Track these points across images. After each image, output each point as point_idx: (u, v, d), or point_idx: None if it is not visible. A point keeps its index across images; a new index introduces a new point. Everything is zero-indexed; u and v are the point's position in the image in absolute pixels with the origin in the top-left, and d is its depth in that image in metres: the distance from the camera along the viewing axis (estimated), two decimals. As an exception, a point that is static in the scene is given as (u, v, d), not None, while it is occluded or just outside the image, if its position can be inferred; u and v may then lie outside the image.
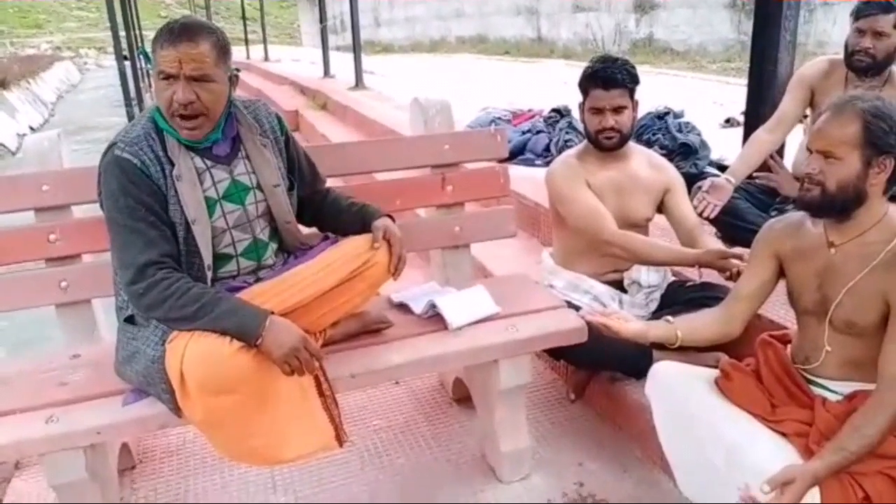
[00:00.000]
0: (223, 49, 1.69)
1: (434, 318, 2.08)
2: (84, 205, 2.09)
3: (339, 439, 1.79)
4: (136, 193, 1.65)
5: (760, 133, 2.76)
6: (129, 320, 1.78)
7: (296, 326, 1.68)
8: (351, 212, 2.00)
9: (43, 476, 1.77)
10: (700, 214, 2.51)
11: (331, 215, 2.04)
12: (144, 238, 1.65)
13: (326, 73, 10.66)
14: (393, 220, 1.98)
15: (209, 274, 1.75)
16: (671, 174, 2.50)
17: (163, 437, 2.48)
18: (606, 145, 2.37)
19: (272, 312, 1.67)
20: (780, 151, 2.89)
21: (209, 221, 1.75)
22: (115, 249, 1.69)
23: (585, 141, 2.46)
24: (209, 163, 1.77)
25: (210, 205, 1.76)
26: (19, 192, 2.03)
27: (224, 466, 2.31)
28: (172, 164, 1.70)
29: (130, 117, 9.29)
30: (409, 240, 1.95)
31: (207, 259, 1.74)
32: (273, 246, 1.91)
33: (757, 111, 3.02)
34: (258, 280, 1.85)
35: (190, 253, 1.73)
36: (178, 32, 1.62)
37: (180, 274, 1.67)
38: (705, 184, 2.58)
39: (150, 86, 13.84)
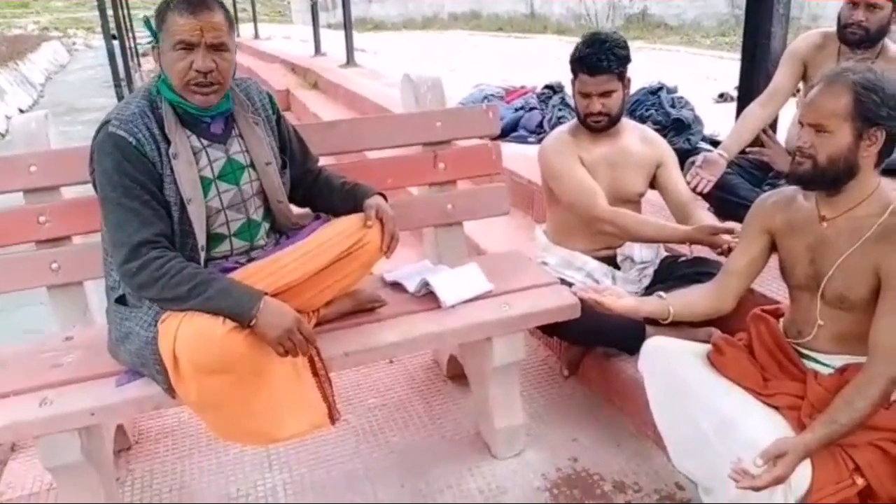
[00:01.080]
0: (231, 20, 1.71)
1: (427, 297, 2.08)
2: (73, 186, 2.07)
3: (332, 417, 1.79)
4: (130, 172, 1.63)
5: (753, 107, 2.75)
6: (121, 301, 1.77)
7: (289, 308, 1.67)
8: (343, 191, 1.99)
9: (39, 458, 1.77)
10: (694, 190, 2.50)
11: (323, 195, 2.03)
12: (139, 217, 1.63)
13: (317, 51, 10.54)
14: (385, 198, 1.97)
15: (203, 254, 1.74)
16: (663, 148, 2.49)
17: (158, 418, 2.49)
18: (594, 128, 2.37)
19: (266, 293, 1.66)
20: (774, 126, 2.88)
21: (204, 201, 1.74)
22: (108, 228, 1.67)
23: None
24: (205, 142, 1.75)
25: (205, 184, 1.74)
26: (7, 174, 2.01)
27: (219, 446, 2.32)
28: (168, 143, 1.68)
29: (120, 98, 9.18)
30: (401, 218, 1.94)
31: (201, 239, 1.73)
32: (265, 226, 1.90)
33: (750, 85, 3.01)
34: (251, 260, 1.84)
35: (184, 233, 1.72)
36: (196, 2, 1.63)
37: (174, 254, 1.66)
38: (699, 159, 2.58)
39: (139, 65, 13.71)
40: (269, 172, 1.85)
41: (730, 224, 2.13)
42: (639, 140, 2.47)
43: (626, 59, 2.30)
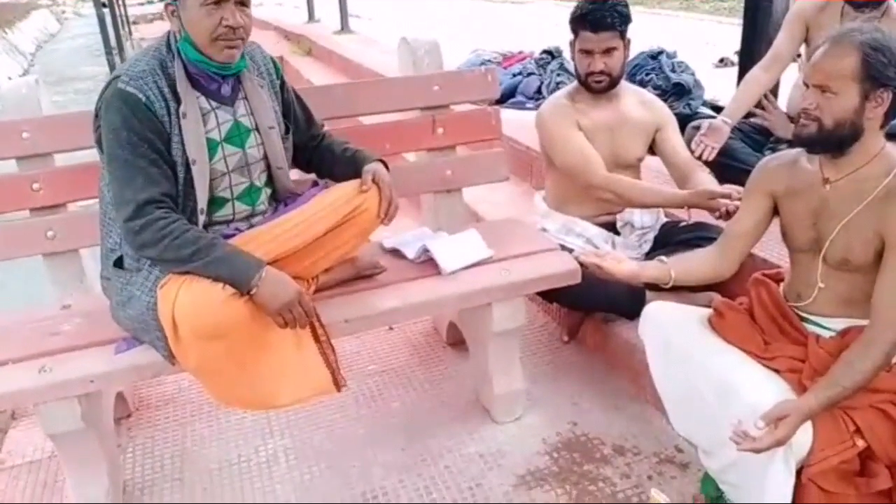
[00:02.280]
0: None
1: (427, 263, 2.07)
2: (67, 152, 2.04)
3: (337, 384, 1.79)
4: (139, 129, 1.61)
5: (755, 72, 2.72)
6: (119, 265, 1.75)
7: (291, 279, 1.67)
8: (344, 157, 1.97)
9: (39, 426, 1.77)
10: (699, 158, 2.48)
11: (325, 161, 2.01)
12: (145, 175, 1.61)
13: (311, 17, 10.40)
14: (386, 165, 1.95)
15: (202, 217, 1.72)
16: (662, 112, 2.47)
17: (158, 385, 2.49)
18: (596, 88, 2.34)
19: (267, 264, 1.65)
20: (775, 90, 2.85)
21: (209, 163, 1.72)
22: (113, 185, 1.64)
23: (576, 81, 2.42)
24: (214, 104, 1.74)
25: (212, 146, 1.73)
26: (-1, 140, 1.98)
27: (220, 412, 2.32)
28: (178, 102, 1.66)
29: (112, 66, 9.07)
30: (399, 185, 1.92)
31: (202, 202, 1.71)
32: (267, 192, 1.89)
33: (752, 48, 2.98)
34: (251, 227, 1.83)
35: (186, 194, 1.70)
36: None
37: (178, 215, 1.65)
38: (703, 127, 2.55)
39: (130, 33, 13.51)
40: (271, 136, 1.84)
41: (728, 188, 2.11)
42: (638, 104, 2.44)
43: (628, 18, 2.28)
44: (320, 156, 2.01)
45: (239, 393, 1.72)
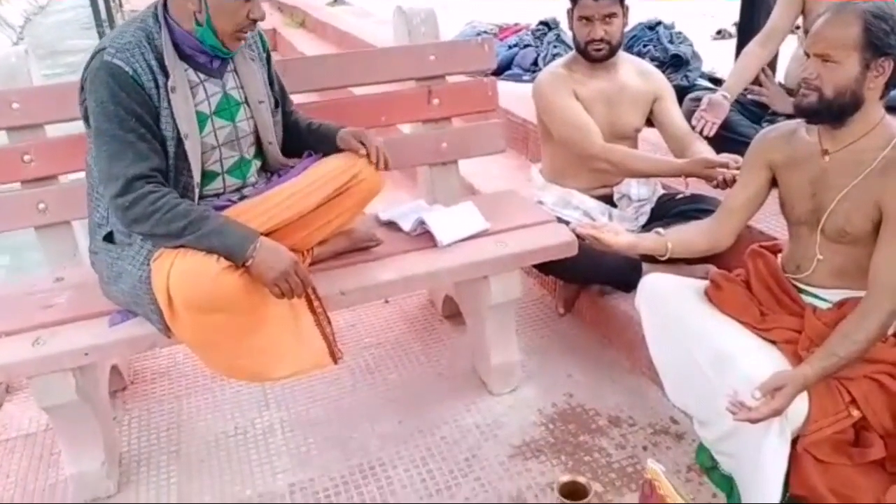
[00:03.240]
0: None
1: (423, 236, 2.06)
2: (58, 123, 2.02)
3: (334, 356, 1.79)
4: (127, 103, 1.58)
5: (753, 46, 2.69)
6: (109, 239, 1.74)
7: (285, 249, 1.65)
8: (313, 132, 1.95)
9: (34, 398, 1.76)
10: (700, 133, 2.46)
11: (293, 138, 1.97)
12: (133, 150, 1.59)
13: (304, -12, 10.24)
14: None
15: (197, 191, 1.70)
16: (660, 82, 2.45)
17: (153, 358, 2.49)
18: (595, 57, 2.31)
19: (261, 234, 1.64)
20: (773, 63, 2.83)
21: (200, 137, 1.70)
22: (101, 160, 1.61)
23: (574, 51, 2.39)
24: (202, 76, 1.71)
25: (201, 119, 1.71)
26: (-13, 111, 1.95)
27: (216, 385, 2.32)
28: (166, 76, 1.63)
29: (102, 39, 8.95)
30: (394, 157, 1.90)
31: (197, 176, 1.69)
32: (257, 164, 1.87)
33: (751, 20, 2.96)
34: (242, 199, 1.81)
35: (178, 169, 1.68)
36: None
37: (168, 189, 1.63)
38: (703, 102, 2.53)
39: (120, 5, 13.31)
40: (261, 110, 1.82)
41: (726, 157, 2.09)
42: (635, 74, 2.42)
43: None
44: (289, 134, 1.97)
45: (235, 365, 1.72)
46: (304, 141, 1.95)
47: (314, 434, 2.10)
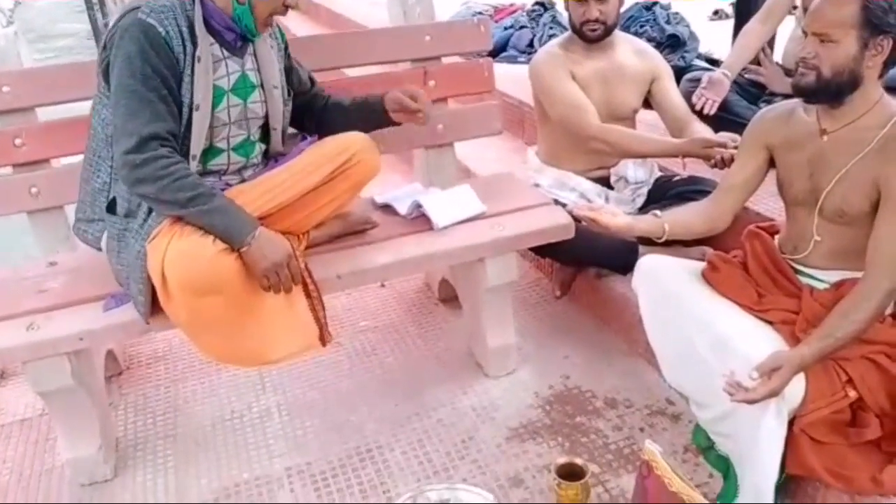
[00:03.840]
0: None
1: (419, 219, 2.05)
2: (50, 106, 1.99)
3: (323, 339, 1.79)
4: (155, 62, 1.58)
5: (752, 25, 2.67)
6: (111, 210, 1.73)
7: (283, 241, 1.66)
8: (359, 106, 1.99)
9: (29, 383, 1.76)
10: (700, 112, 2.45)
11: (339, 117, 1.99)
12: (152, 109, 1.59)
13: (298, -30, 10.14)
14: None
15: (193, 164, 1.69)
16: (657, 62, 2.43)
17: (149, 343, 2.48)
18: (591, 37, 2.30)
19: (262, 225, 1.64)
20: (771, 43, 2.81)
21: (212, 111, 1.70)
22: (118, 115, 1.60)
23: (570, 31, 2.37)
24: (226, 53, 1.72)
25: (218, 94, 1.71)
26: (-23, 94, 1.93)
27: (212, 370, 2.32)
28: (195, 45, 1.64)
29: (94, 23, 8.86)
30: (390, 140, 1.89)
31: (195, 148, 1.69)
32: (261, 146, 1.88)
33: (749, 1, 2.92)
34: (242, 181, 1.81)
35: (182, 138, 1.68)
36: None
37: (180, 158, 1.62)
38: (703, 80, 2.52)
39: (112, -13, 13.16)
40: (274, 96, 1.83)
41: (724, 136, 2.08)
42: (632, 53, 2.40)
43: None
44: (331, 115, 2.01)
45: (230, 349, 1.71)
46: (349, 117, 1.97)
47: (311, 417, 2.10)
